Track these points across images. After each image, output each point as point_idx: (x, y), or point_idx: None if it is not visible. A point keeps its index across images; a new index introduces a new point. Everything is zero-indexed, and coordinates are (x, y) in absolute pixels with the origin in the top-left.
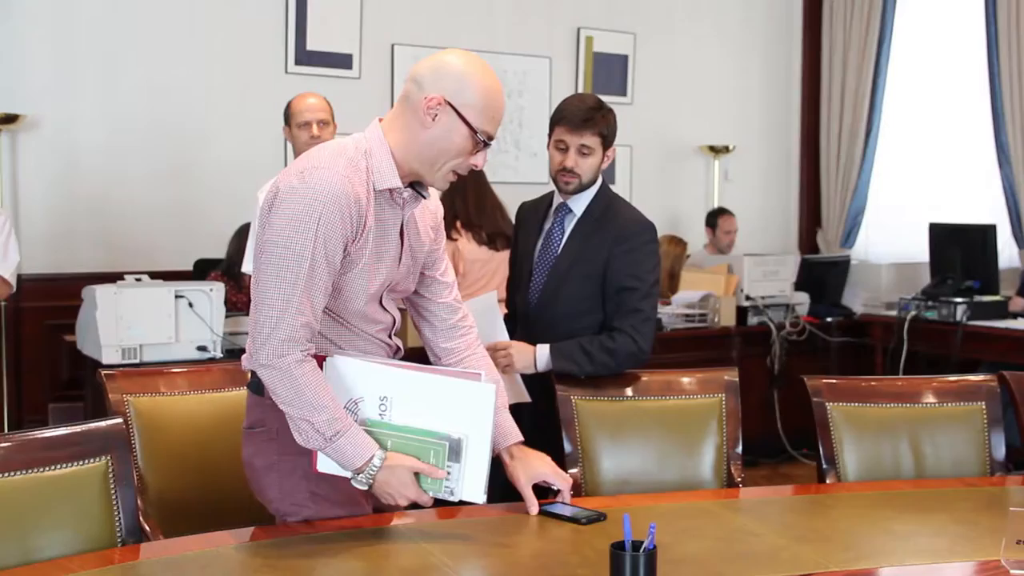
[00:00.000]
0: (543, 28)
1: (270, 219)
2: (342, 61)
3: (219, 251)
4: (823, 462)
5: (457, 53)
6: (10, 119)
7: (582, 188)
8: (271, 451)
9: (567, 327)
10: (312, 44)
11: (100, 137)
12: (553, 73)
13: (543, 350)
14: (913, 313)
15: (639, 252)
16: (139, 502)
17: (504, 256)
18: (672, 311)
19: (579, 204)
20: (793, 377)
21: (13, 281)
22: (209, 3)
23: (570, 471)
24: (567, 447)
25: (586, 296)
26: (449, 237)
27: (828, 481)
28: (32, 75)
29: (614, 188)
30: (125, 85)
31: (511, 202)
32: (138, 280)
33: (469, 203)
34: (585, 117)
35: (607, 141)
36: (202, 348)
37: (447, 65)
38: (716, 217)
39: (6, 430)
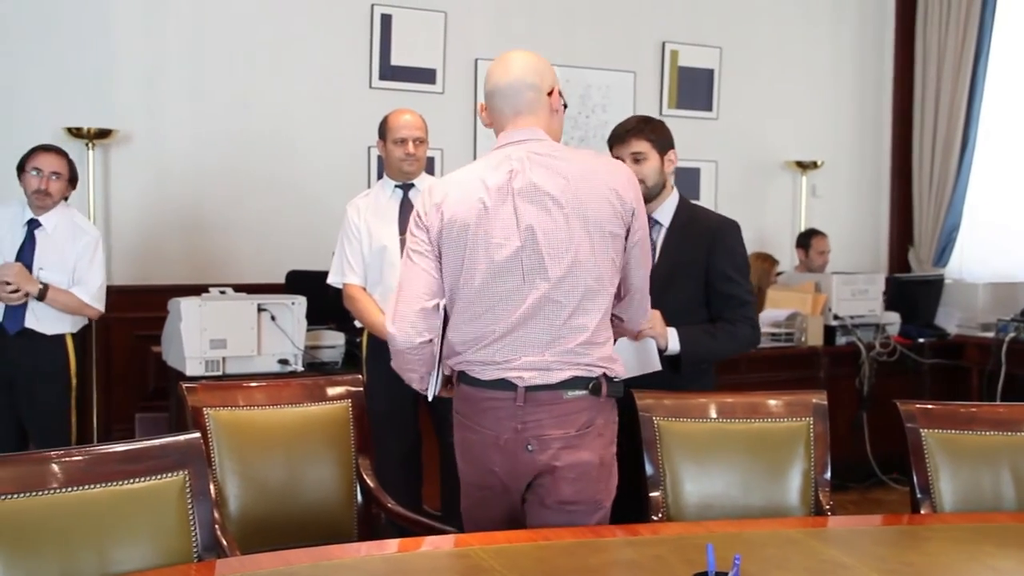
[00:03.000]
0: (627, 42)
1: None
2: (426, 76)
3: (305, 263)
4: (917, 491)
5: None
6: (103, 134)
7: (650, 193)
8: (601, 447)
9: None
10: (396, 59)
11: (189, 151)
12: (637, 88)
13: (673, 331)
14: (1012, 335)
15: (734, 247)
16: (217, 515)
17: None
18: None
19: (664, 215)
20: (883, 399)
21: (97, 304)
22: (296, 19)
23: (651, 494)
24: (648, 469)
25: (689, 298)
26: None
27: (923, 511)
28: (124, 91)
29: (699, 203)
30: (213, 100)
31: None
32: (222, 293)
33: None
34: (628, 128)
35: (659, 144)
36: (283, 361)
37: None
38: (809, 238)
39: (95, 438)
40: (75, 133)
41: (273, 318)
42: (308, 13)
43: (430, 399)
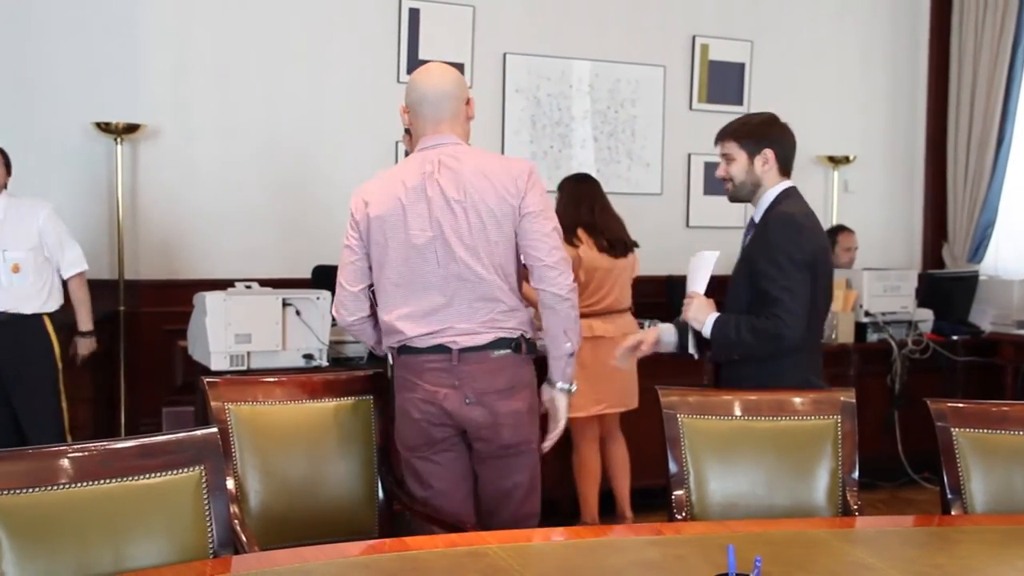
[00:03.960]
0: (657, 36)
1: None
2: None
3: (331, 258)
4: (948, 491)
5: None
6: (131, 129)
7: (738, 191)
8: (528, 396)
9: None
10: (424, 54)
11: (215, 146)
12: (668, 82)
13: (711, 317)
14: None
15: (773, 241)
16: (236, 510)
17: (625, 263)
18: None
19: (758, 213)
20: (915, 397)
21: (82, 266)
22: (323, 15)
23: (675, 493)
24: (672, 467)
25: (745, 299)
26: (571, 243)
27: (953, 512)
28: (152, 86)
29: (726, 200)
30: (241, 95)
31: (623, 212)
32: (248, 287)
33: (594, 212)
34: (720, 130)
35: (747, 144)
36: (308, 356)
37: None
38: (835, 234)
39: (123, 432)
40: (104, 128)
41: (298, 313)
42: (336, 7)
43: (380, 355)
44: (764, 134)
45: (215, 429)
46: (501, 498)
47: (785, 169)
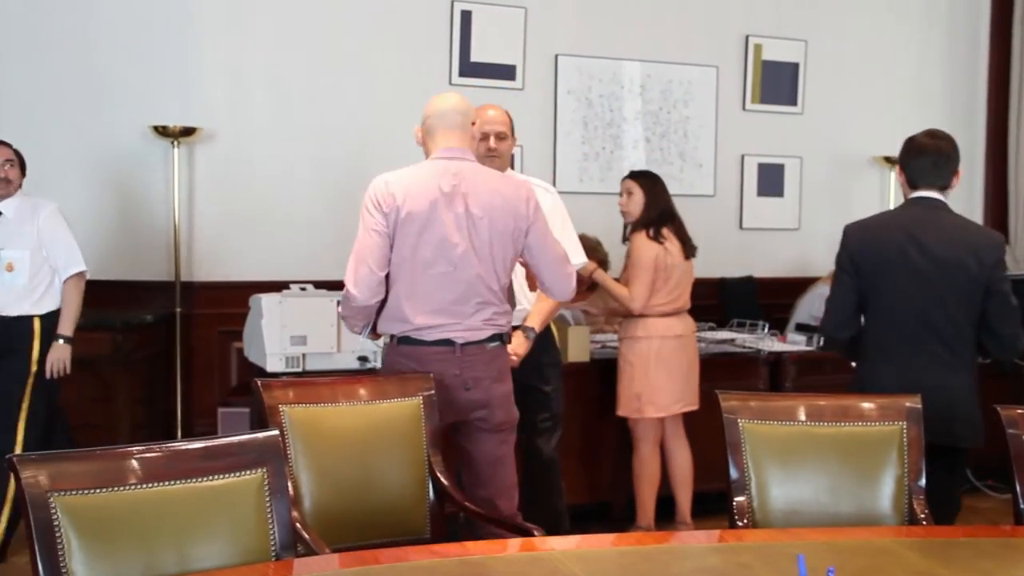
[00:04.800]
0: (710, 36)
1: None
2: (505, 72)
3: None
4: (1020, 500)
5: None
6: (187, 132)
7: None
8: (510, 380)
9: None
10: (476, 56)
11: (270, 148)
12: (720, 83)
13: None
14: None
15: None
16: (295, 512)
17: (691, 265)
18: None
19: None
20: (979, 403)
21: (77, 267)
22: (375, 17)
23: (736, 499)
24: (733, 473)
25: None
26: (657, 240)
27: None
28: (208, 90)
29: (780, 201)
30: (294, 99)
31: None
32: (303, 289)
33: (674, 211)
34: None
35: (897, 163)
36: (363, 359)
37: None
38: None
39: (179, 432)
40: (161, 131)
41: None
42: (388, 10)
43: (361, 339)
44: (906, 155)
45: (277, 432)
46: (495, 469)
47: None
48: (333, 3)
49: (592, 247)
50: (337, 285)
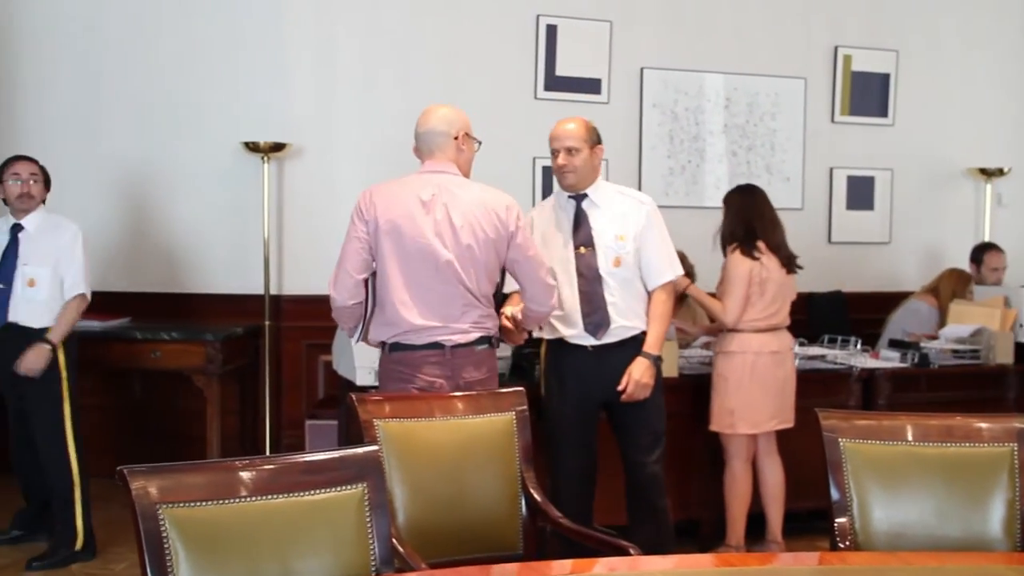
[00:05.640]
0: (798, 47)
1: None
2: (591, 86)
3: None
4: None
5: None
6: (278, 147)
7: None
8: (496, 381)
9: None
10: (561, 69)
11: (358, 162)
12: (808, 94)
13: None
14: None
15: None
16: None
17: (792, 280)
18: (940, 346)
19: None
20: None
21: (81, 289)
22: (462, 32)
23: (838, 520)
24: (834, 493)
25: None
26: (750, 256)
27: None
28: (297, 107)
29: (870, 214)
30: (382, 112)
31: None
32: None
33: (772, 224)
34: None
35: None
36: None
37: None
38: (982, 252)
39: (267, 444)
40: (251, 147)
41: None
42: (475, 25)
43: (355, 343)
44: None
45: (377, 447)
46: None
47: None
48: (419, 21)
49: None
50: None
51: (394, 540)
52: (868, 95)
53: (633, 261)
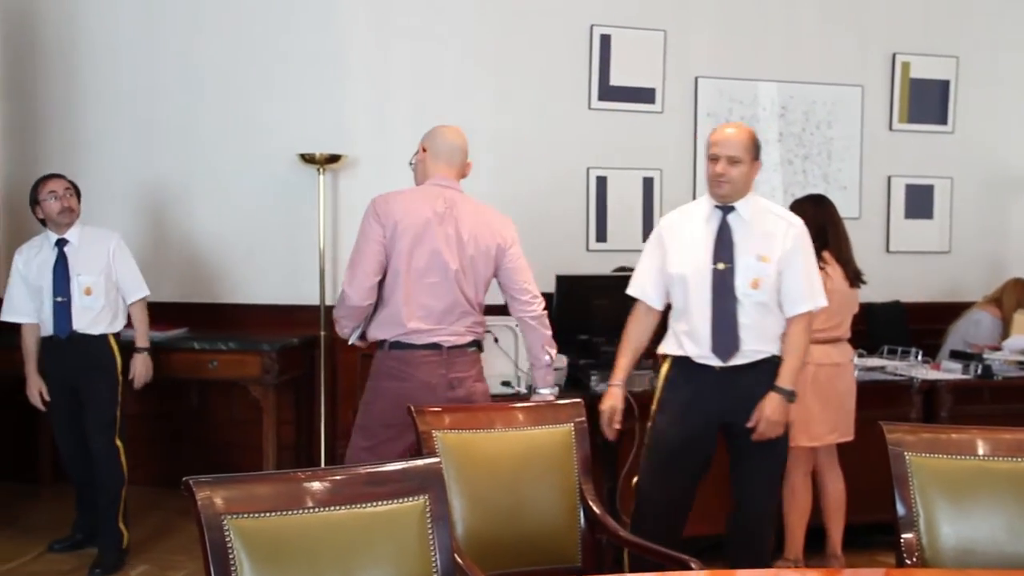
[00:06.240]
0: (855, 55)
1: None
2: (645, 95)
3: None
4: None
5: None
6: (333, 159)
7: None
8: (484, 380)
9: None
10: (615, 79)
11: (410, 175)
12: (865, 102)
13: None
14: None
15: None
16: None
17: (855, 294)
18: (1004, 357)
19: None
20: None
21: (142, 292)
22: (516, 42)
23: (904, 536)
24: (899, 508)
25: None
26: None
27: None
28: (352, 119)
29: (929, 223)
30: (436, 122)
31: None
32: None
33: (840, 236)
34: None
35: None
36: (506, 383)
37: None
38: None
39: (322, 455)
40: (307, 159)
41: (496, 340)
42: (528, 35)
43: (351, 343)
44: None
45: (439, 459)
46: None
47: None
48: (472, 32)
49: None
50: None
51: (455, 555)
52: (927, 102)
53: (772, 285)
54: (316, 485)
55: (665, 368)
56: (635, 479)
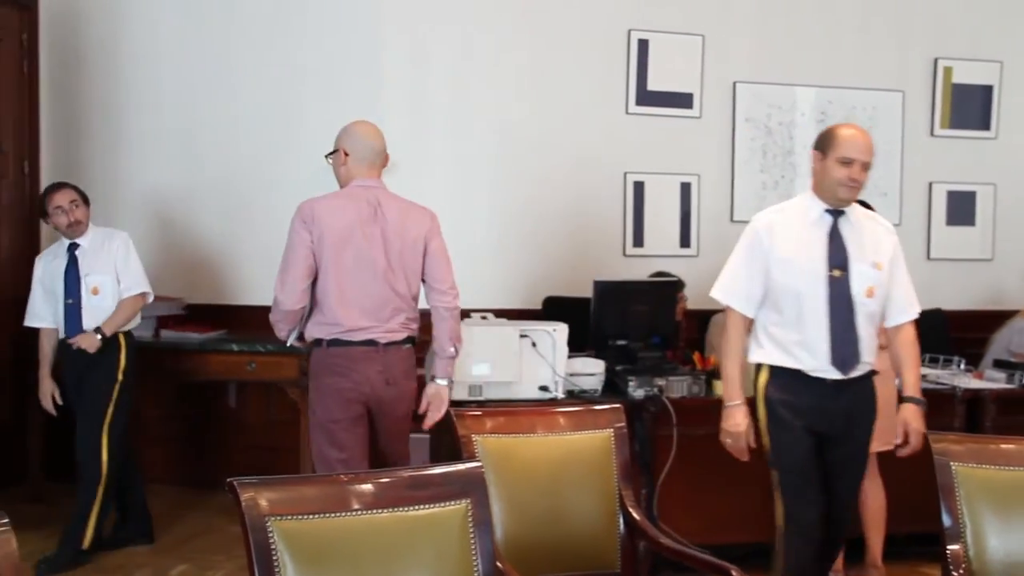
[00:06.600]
0: (896, 59)
1: None
2: (683, 100)
3: (561, 289)
4: None
5: None
6: None
7: None
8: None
9: None
10: (653, 84)
11: (450, 177)
12: (907, 108)
13: None
14: None
15: None
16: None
17: None
18: None
19: None
20: None
21: (141, 288)
22: (553, 47)
23: (950, 547)
24: (946, 520)
25: None
26: None
27: None
28: (390, 122)
29: (971, 230)
30: (473, 127)
31: None
32: (483, 318)
33: None
34: None
35: None
36: (544, 388)
37: None
38: None
39: None
40: None
41: (534, 344)
42: (566, 40)
43: (288, 344)
44: None
45: (480, 463)
46: (397, 452)
47: None
48: (510, 36)
49: None
50: (512, 314)
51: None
52: (969, 108)
53: (883, 293)
54: (359, 488)
55: (764, 379)
56: (777, 521)
